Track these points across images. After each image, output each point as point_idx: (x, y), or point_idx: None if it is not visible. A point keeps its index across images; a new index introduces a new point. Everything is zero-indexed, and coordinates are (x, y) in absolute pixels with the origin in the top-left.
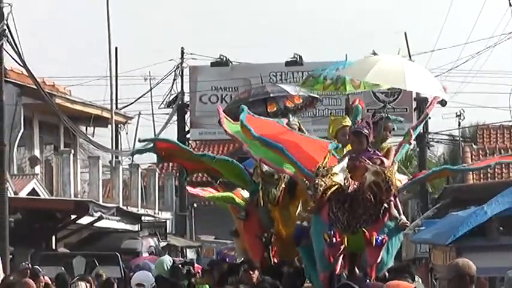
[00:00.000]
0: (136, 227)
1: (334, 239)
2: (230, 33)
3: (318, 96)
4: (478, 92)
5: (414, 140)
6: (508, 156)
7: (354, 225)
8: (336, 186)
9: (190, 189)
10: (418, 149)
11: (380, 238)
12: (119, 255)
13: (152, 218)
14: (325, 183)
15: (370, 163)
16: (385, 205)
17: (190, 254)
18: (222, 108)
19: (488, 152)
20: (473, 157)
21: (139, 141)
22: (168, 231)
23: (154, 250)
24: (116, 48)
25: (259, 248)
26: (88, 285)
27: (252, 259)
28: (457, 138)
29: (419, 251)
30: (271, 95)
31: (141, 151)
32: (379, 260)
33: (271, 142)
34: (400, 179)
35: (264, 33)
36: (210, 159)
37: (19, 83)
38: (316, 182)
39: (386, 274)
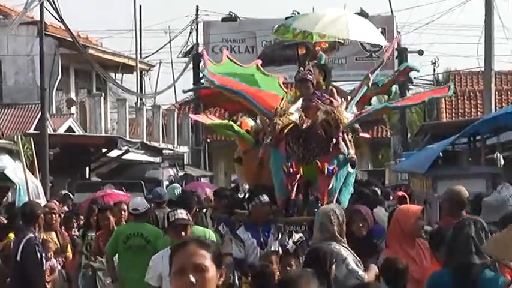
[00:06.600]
0: (158, 159)
1: (291, 170)
2: None
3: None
4: (451, 42)
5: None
6: (439, 90)
7: (308, 157)
8: (292, 124)
9: (192, 116)
10: (399, 92)
11: (331, 168)
12: (143, 183)
13: (172, 152)
14: (282, 121)
15: (322, 103)
16: (335, 140)
17: None
18: (230, 55)
19: (459, 94)
20: (447, 99)
21: (184, 91)
22: (185, 162)
23: (173, 179)
24: (140, 6)
25: None
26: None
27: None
28: (433, 83)
29: (400, 178)
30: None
31: (187, 102)
32: (330, 187)
33: (231, 88)
34: (347, 117)
35: None
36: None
37: (57, 36)
38: (275, 120)
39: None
